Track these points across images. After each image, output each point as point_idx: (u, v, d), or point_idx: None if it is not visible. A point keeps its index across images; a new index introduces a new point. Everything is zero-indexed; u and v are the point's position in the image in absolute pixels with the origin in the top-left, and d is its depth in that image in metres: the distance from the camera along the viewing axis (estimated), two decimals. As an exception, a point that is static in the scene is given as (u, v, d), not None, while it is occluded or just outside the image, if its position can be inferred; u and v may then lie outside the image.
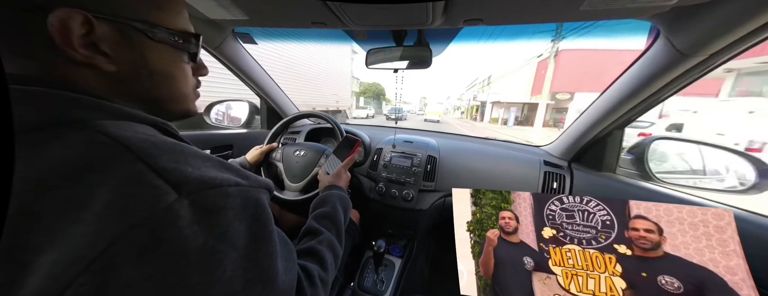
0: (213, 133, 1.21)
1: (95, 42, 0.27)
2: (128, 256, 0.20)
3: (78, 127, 0.25)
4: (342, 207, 0.60)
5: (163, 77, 0.34)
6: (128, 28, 0.30)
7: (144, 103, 0.33)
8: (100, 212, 0.21)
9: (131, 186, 0.22)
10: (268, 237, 0.30)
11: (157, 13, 0.32)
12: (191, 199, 0.24)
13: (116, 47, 0.29)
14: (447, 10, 0.57)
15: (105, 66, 0.29)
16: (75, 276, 0.19)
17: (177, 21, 0.34)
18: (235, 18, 0.71)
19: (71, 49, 0.26)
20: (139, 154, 0.24)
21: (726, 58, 0.57)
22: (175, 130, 0.34)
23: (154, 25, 0.31)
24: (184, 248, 0.22)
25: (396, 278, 1.05)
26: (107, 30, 0.28)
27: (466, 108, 42.09)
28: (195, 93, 0.41)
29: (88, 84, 0.28)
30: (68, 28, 0.25)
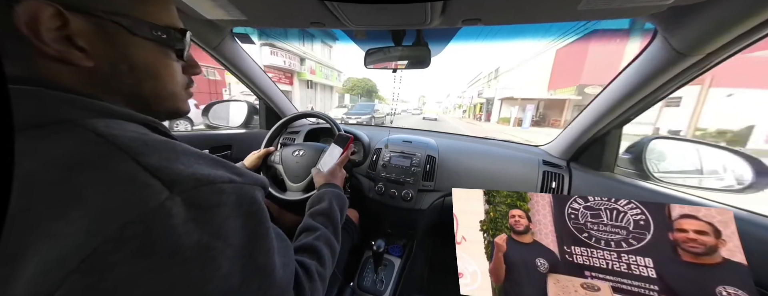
0: (212, 133, 1.21)
1: (70, 36, 0.26)
2: (121, 255, 0.20)
3: (66, 126, 0.24)
4: (338, 205, 0.60)
5: (145, 74, 0.32)
6: (106, 22, 0.28)
7: (128, 101, 0.32)
8: (92, 211, 0.21)
9: (123, 185, 0.22)
10: (265, 233, 0.30)
11: (140, 6, 0.30)
12: (184, 197, 0.24)
13: (94, 42, 0.27)
14: (445, 10, 0.57)
15: (81, 61, 0.27)
16: (67, 275, 0.19)
17: (162, 16, 0.33)
18: (233, 18, 0.71)
19: (41, 43, 0.25)
20: (130, 153, 0.24)
21: (723, 57, 0.57)
22: (166, 129, 0.34)
23: (135, 20, 0.30)
24: (178, 246, 0.22)
25: (395, 278, 1.05)
26: (83, 24, 0.26)
27: (468, 106, 39.13)
28: (187, 92, 0.39)
29: (65, 80, 0.27)
30: (37, 21, 0.24)
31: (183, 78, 0.38)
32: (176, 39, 0.34)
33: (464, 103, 46.18)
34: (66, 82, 0.27)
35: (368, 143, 1.19)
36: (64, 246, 0.20)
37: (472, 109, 35.43)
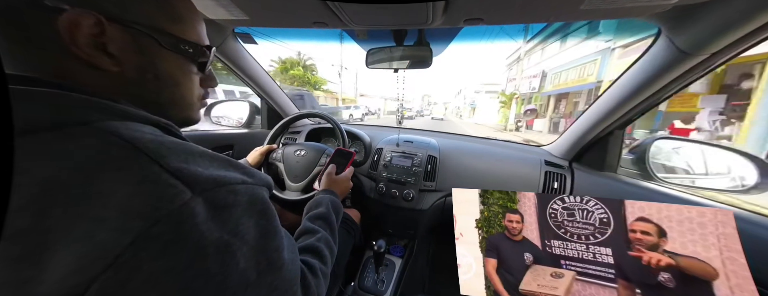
0: (214, 133, 1.21)
1: (104, 43, 0.28)
2: (151, 251, 0.22)
3: (88, 127, 0.25)
4: (334, 211, 0.63)
5: (168, 83, 0.35)
6: (141, 34, 0.30)
7: (146, 106, 0.34)
8: (121, 210, 0.22)
9: (149, 185, 0.23)
10: (275, 231, 0.32)
11: (173, 24, 0.33)
12: (204, 197, 0.25)
13: (125, 50, 0.30)
14: (447, 9, 0.57)
15: (108, 67, 0.29)
16: (101, 271, 0.20)
17: (192, 32, 0.36)
18: (236, 18, 0.71)
19: (75, 47, 0.27)
20: (151, 155, 0.25)
21: (727, 57, 0.57)
22: (178, 130, 0.35)
23: (167, 34, 0.32)
24: (203, 242, 0.24)
25: (396, 278, 1.05)
26: (119, 33, 0.29)
27: (503, 102, 20.01)
28: (201, 103, 0.42)
29: (91, 83, 0.29)
30: (78, 27, 0.26)
31: (200, 90, 0.41)
32: (201, 54, 0.37)
33: (482, 100, 31.20)
34: (91, 85, 0.29)
35: (369, 143, 1.19)
36: (95, 244, 0.21)
37: (509, 107, 18.95)
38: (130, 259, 0.21)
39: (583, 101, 11.91)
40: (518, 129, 15.77)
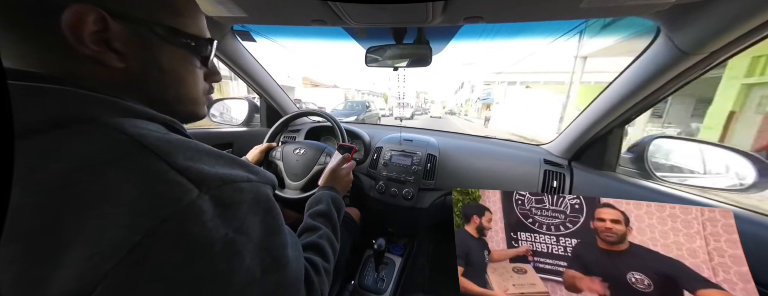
0: (213, 131, 1.21)
1: (108, 39, 0.28)
2: (160, 248, 0.22)
3: (94, 124, 0.25)
4: (335, 208, 0.62)
5: (172, 78, 0.35)
6: (143, 29, 0.30)
7: (151, 103, 0.34)
8: (130, 207, 0.22)
9: (157, 183, 0.23)
10: (279, 229, 0.32)
11: (174, 17, 0.33)
12: (211, 195, 0.25)
13: (129, 46, 0.29)
14: (447, 7, 0.57)
15: (113, 63, 0.29)
16: (110, 268, 0.20)
17: (193, 26, 0.35)
18: (234, 15, 0.70)
19: (80, 44, 0.27)
20: (158, 152, 0.25)
21: (727, 55, 0.57)
22: (183, 128, 0.35)
23: (169, 28, 0.32)
24: (210, 239, 0.24)
25: (396, 276, 1.06)
26: (122, 29, 0.28)
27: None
28: (207, 98, 0.42)
29: (96, 80, 0.29)
30: (82, 23, 0.26)
31: (204, 85, 0.40)
32: (203, 47, 0.37)
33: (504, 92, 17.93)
34: (96, 81, 0.29)
35: (369, 142, 1.19)
36: (104, 242, 0.21)
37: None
38: (138, 257, 0.21)
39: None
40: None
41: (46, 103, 0.24)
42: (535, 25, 0.67)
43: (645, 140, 0.91)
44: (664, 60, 0.62)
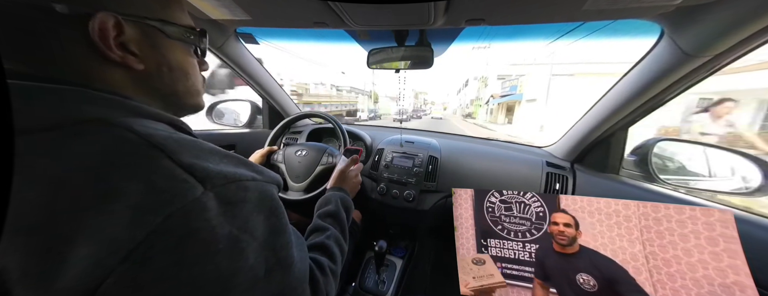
0: (215, 133, 1.22)
1: (124, 42, 0.29)
2: (165, 245, 0.22)
3: (103, 124, 0.26)
4: (344, 208, 0.62)
5: (180, 73, 0.36)
6: (148, 27, 0.31)
7: (163, 99, 0.35)
8: (135, 204, 0.22)
9: (163, 181, 0.24)
10: (284, 228, 0.32)
11: (166, 10, 0.33)
12: (216, 192, 0.25)
13: (142, 46, 0.30)
14: (449, 10, 0.57)
15: (135, 65, 0.30)
16: (117, 264, 0.20)
17: (183, 17, 0.36)
18: (237, 18, 0.71)
19: (110, 51, 0.27)
20: (165, 150, 0.25)
21: (731, 58, 0.56)
22: (188, 127, 0.36)
23: (167, 23, 0.33)
24: (214, 237, 0.24)
25: (397, 278, 1.05)
26: (132, 31, 0.29)
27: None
28: (204, 88, 0.42)
29: (116, 83, 0.30)
30: (106, 30, 0.26)
31: (201, 75, 0.41)
32: (198, 38, 0.37)
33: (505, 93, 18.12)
34: (116, 84, 0.30)
35: (370, 143, 1.19)
36: (110, 238, 0.21)
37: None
38: (143, 253, 0.21)
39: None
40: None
41: (59, 103, 0.25)
42: (537, 28, 0.66)
43: (649, 142, 0.90)
44: (668, 62, 0.62)
